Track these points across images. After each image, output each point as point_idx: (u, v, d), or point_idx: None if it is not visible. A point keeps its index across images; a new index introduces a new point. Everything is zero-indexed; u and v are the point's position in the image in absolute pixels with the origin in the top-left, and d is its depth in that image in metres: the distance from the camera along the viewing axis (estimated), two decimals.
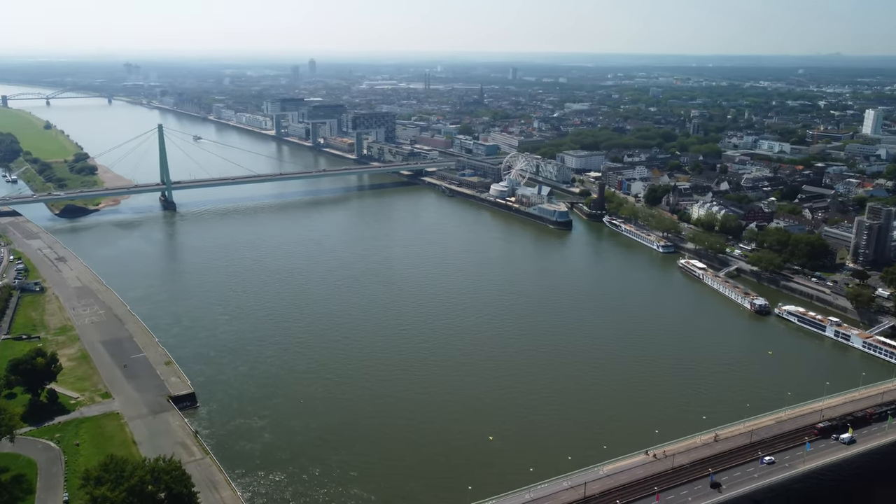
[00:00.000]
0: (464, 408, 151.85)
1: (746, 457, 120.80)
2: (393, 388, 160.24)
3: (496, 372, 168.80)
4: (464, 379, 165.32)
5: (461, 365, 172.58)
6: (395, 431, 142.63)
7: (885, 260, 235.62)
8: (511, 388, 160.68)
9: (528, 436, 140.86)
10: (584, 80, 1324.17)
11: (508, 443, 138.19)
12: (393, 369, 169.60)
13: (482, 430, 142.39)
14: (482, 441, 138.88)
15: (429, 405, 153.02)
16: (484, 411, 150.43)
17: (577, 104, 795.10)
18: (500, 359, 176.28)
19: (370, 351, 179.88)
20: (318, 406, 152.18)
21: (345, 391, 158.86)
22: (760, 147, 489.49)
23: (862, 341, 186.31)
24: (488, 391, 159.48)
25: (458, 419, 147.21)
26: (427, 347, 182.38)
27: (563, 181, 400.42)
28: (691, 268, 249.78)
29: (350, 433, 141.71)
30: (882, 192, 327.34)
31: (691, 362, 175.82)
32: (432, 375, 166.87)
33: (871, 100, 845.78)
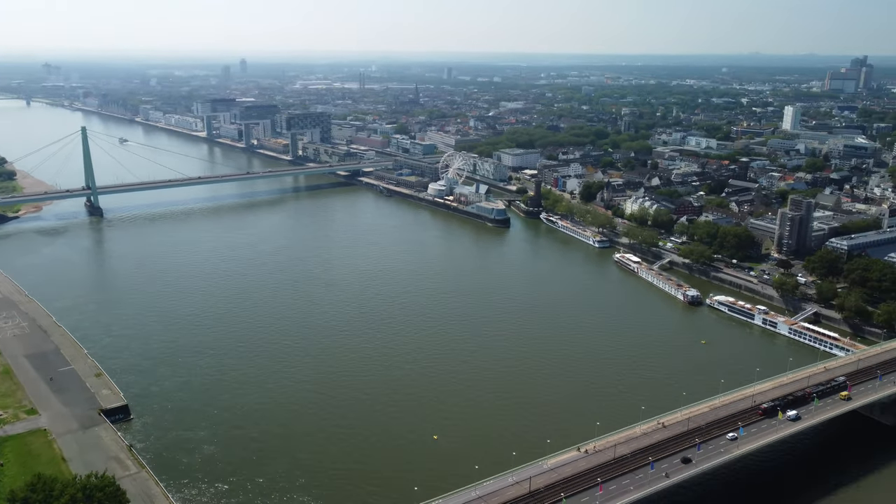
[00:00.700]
0: (408, 408, 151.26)
1: (685, 444, 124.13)
2: (336, 392, 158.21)
3: (439, 371, 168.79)
4: (407, 379, 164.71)
5: (404, 365, 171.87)
6: (340, 436, 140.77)
7: (806, 249, 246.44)
8: (454, 387, 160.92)
9: (473, 433, 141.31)
10: (518, 80, 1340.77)
11: (453, 441, 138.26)
12: (335, 372, 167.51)
13: (426, 429, 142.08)
14: (427, 441, 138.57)
15: (372, 407, 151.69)
16: (428, 411, 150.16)
17: (512, 103, 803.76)
18: (443, 357, 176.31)
19: (311, 355, 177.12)
20: (260, 414, 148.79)
21: (287, 397, 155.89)
22: (688, 143, 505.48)
23: (788, 328, 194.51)
24: (432, 391, 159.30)
25: (403, 420, 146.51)
26: (369, 349, 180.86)
27: (500, 179, 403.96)
28: (626, 262, 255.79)
29: (294, 440, 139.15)
30: (802, 185, 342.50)
31: (629, 354, 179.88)
32: (375, 377, 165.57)
33: (790, 97, 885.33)
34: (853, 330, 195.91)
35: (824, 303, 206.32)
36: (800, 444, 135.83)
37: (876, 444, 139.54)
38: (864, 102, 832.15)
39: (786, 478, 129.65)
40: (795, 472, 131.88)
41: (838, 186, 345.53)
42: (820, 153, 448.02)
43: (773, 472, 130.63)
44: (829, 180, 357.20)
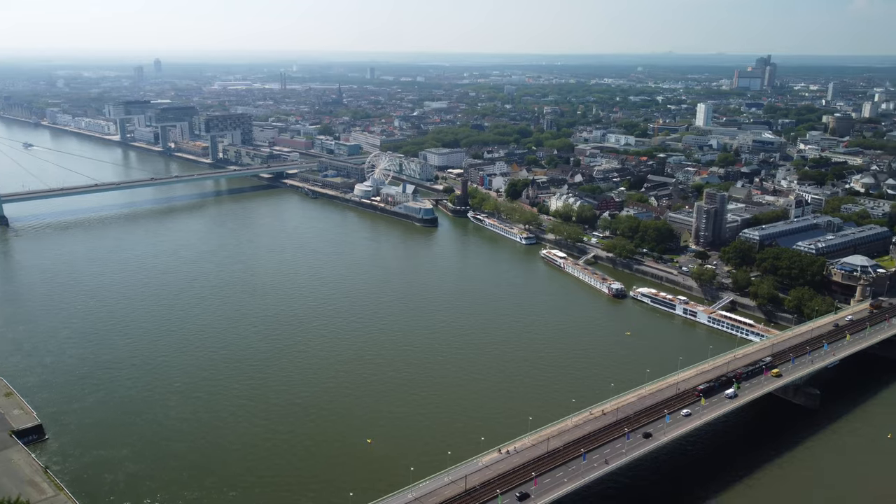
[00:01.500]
0: (339, 413, 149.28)
1: (614, 434, 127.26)
2: (267, 400, 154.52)
3: (370, 374, 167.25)
4: (338, 384, 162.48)
5: (335, 369, 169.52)
6: (272, 445, 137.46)
7: (721, 241, 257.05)
8: (387, 389, 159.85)
9: (407, 435, 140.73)
10: (442, 79, 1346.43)
11: (387, 444, 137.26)
12: (264, 381, 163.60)
13: (360, 434, 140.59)
14: (360, 445, 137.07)
15: (304, 414, 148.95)
16: (360, 415, 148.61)
17: (436, 103, 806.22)
18: (375, 360, 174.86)
19: (237, 364, 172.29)
20: (185, 427, 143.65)
21: (217, 408, 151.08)
22: (608, 140, 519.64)
23: (707, 317, 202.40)
24: (364, 394, 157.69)
25: (335, 425, 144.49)
26: (299, 355, 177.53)
27: (426, 179, 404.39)
28: (553, 257, 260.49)
29: (223, 452, 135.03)
30: (716, 179, 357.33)
31: (558, 348, 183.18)
32: (306, 383, 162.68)
33: (702, 95, 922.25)
34: (766, 316, 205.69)
35: (739, 291, 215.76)
36: (720, 428, 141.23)
37: (790, 424, 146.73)
38: (770, 99, 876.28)
39: (712, 458, 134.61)
40: (720, 453, 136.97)
41: (749, 180, 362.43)
42: (731, 148, 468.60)
43: (700, 454, 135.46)
44: (740, 174, 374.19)
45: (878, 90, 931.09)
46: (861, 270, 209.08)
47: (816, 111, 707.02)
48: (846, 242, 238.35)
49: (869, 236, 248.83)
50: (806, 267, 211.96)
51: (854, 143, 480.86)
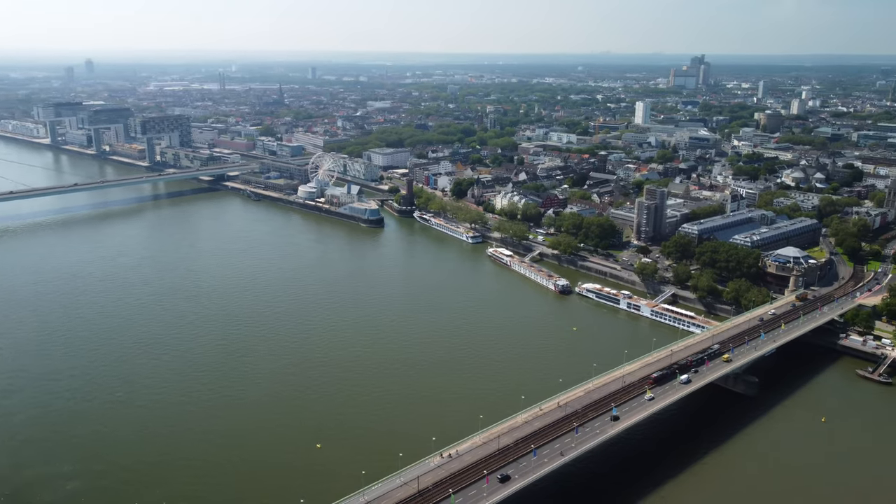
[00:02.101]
0: (287, 419, 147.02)
1: (563, 428, 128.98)
2: (210, 409, 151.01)
3: (318, 377, 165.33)
4: (286, 388, 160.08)
5: (282, 374, 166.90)
6: (220, 455, 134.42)
7: (662, 235, 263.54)
8: (335, 392, 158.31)
9: (357, 438, 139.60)
10: (385, 79, 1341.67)
11: (337, 448, 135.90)
12: (209, 388, 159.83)
13: (308, 439, 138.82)
14: (310, 450, 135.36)
15: (251, 421, 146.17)
16: (309, 419, 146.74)
17: (380, 102, 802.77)
18: (322, 363, 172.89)
19: (182, 372, 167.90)
20: (128, 440, 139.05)
21: (161, 420, 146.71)
22: (551, 138, 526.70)
23: (650, 310, 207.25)
24: (311, 398, 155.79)
25: (283, 431, 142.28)
26: (245, 360, 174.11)
27: (371, 179, 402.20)
28: (499, 255, 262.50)
29: (170, 464, 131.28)
30: (655, 175, 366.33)
31: (507, 345, 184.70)
32: (252, 388, 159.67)
33: (640, 93, 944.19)
34: (706, 308, 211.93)
35: (680, 284, 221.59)
36: (667, 419, 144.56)
37: (731, 412, 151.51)
38: (704, 97, 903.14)
39: (658, 449, 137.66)
40: (666, 443, 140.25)
41: (686, 175, 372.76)
42: (669, 145, 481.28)
43: (646, 445, 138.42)
44: (678, 170, 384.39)
45: (805, 88, 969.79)
46: (794, 262, 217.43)
47: (748, 108, 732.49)
48: (779, 235, 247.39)
49: (800, 228, 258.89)
50: (742, 259, 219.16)
51: (784, 139, 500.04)
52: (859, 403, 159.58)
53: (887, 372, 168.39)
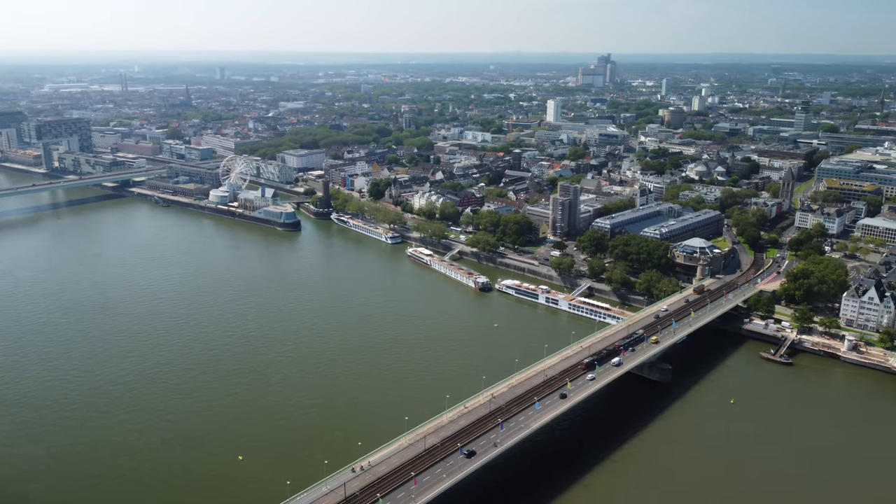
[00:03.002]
0: (208, 431, 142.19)
1: (489, 424, 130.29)
2: (125, 426, 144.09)
3: (238, 386, 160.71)
4: (203, 399, 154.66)
5: (201, 386, 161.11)
6: (137, 474, 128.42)
7: (577, 230, 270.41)
8: (256, 401, 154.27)
9: (280, 447, 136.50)
10: (296, 79, 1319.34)
11: (260, 459, 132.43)
12: (123, 405, 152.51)
13: (230, 450, 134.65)
14: (232, 462, 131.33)
15: (170, 434, 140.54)
16: (230, 430, 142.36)
17: (292, 103, 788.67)
18: (242, 372, 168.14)
19: (94, 389, 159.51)
20: (40, 463, 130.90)
21: (65, 440, 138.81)
22: (466, 137, 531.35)
23: (568, 304, 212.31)
24: (231, 408, 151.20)
25: (204, 444, 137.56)
26: (159, 374, 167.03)
27: (286, 182, 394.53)
28: (419, 255, 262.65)
29: (87, 484, 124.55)
30: (568, 172, 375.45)
31: (430, 345, 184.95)
32: (169, 403, 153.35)
33: (550, 91, 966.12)
34: (621, 299, 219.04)
35: (595, 277, 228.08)
36: (586, 409, 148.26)
37: (646, 399, 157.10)
38: (612, 95, 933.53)
39: (578, 439, 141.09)
40: (584, 434, 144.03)
41: (597, 171, 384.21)
42: (580, 142, 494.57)
43: (567, 437, 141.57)
44: (589, 166, 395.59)
45: (705, 85, 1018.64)
46: (700, 252, 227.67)
47: (653, 105, 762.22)
48: (686, 227, 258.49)
49: (704, 220, 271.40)
50: (653, 251, 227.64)
51: (687, 135, 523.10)
52: (763, 384, 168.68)
53: (787, 353, 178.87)
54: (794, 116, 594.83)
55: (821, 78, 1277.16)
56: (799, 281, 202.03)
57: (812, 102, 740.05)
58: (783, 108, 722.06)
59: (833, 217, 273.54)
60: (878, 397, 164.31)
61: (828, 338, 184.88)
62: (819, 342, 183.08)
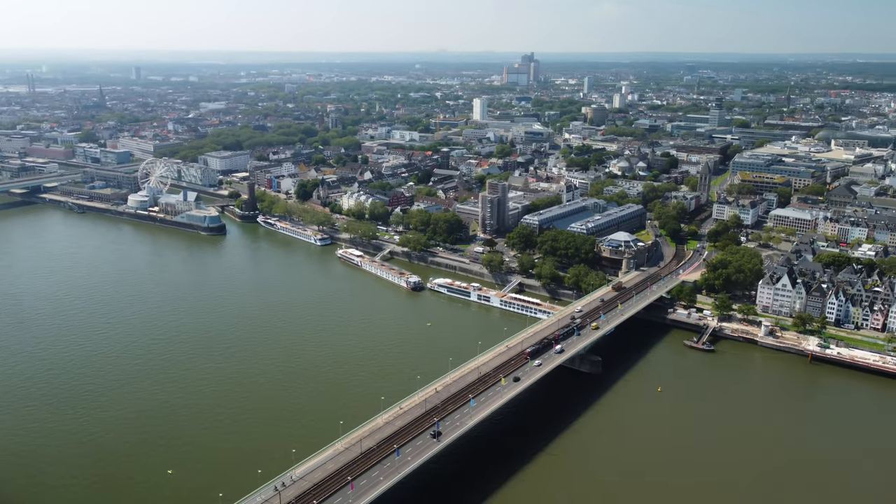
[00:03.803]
0: (134, 445, 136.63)
1: (425, 424, 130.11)
2: (49, 443, 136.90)
3: (165, 398, 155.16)
4: (129, 412, 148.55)
5: (127, 400, 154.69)
6: (60, 493, 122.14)
7: (506, 227, 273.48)
8: (185, 412, 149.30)
9: (211, 459, 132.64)
10: (217, 79, 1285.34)
11: (190, 472, 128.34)
12: (44, 422, 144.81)
13: (158, 464, 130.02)
14: (160, 477, 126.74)
15: (96, 449, 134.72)
16: (158, 444, 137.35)
17: (213, 103, 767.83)
18: (170, 382, 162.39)
19: (12, 406, 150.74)
20: None
21: None
22: (394, 136, 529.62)
23: (499, 300, 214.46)
24: (159, 421, 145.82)
25: (131, 459, 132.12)
26: (83, 388, 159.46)
27: (209, 184, 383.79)
28: (349, 257, 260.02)
29: None
30: (496, 170, 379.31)
31: (364, 347, 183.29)
32: (94, 418, 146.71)
33: (476, 90, 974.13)
34: (550, 294, 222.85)
35: (525, 273, 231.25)
36: (519, 404, 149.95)
37: (578, 391, 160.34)
38: (536, 93, 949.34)
39: (513, 435, 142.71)
40: (520, 429, 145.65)
41: (524, 168, 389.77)
42: (507, 140, 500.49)
43: (502, 433, 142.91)
44: (516, 164, 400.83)
45: (624, 83, 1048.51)
46: (625, 245, 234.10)
47: (576, 103, 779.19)
48: (611, 221, 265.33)
49: (628, 214, 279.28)
50: (580, 246, 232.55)
51: (609, 132, 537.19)
52: (688, 371, 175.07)
53: (709, 340, 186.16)
54: (708, 113, 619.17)
55: (732, 76, 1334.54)
56: (718, 271, 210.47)
57: (725, 99, 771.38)
58: (698, 104, 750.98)
59: (747, 208, 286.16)
60: (793, 378, 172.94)
61: (746, 324, 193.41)
62: (738, 329, 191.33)
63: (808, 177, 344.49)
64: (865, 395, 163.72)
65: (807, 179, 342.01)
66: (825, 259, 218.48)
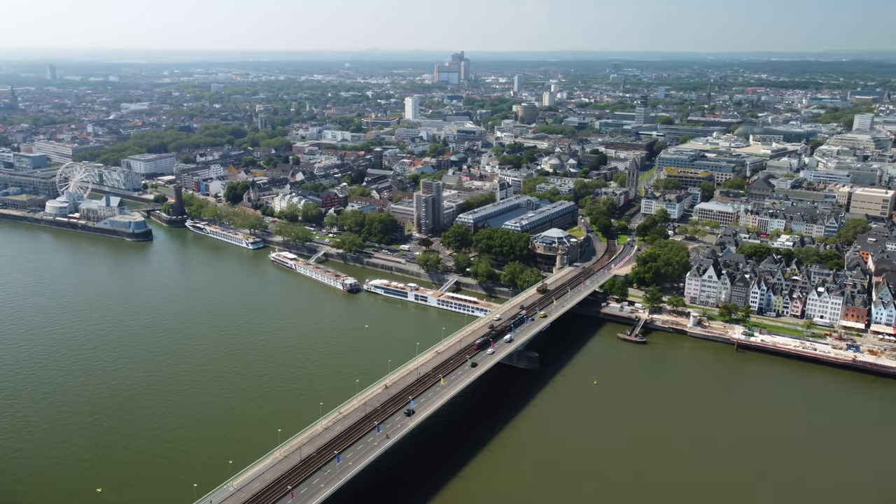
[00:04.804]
0: (62, 463, 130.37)
1: (365, 428, 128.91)
2: None
3: (94, 413, 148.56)
4: (56, 430, 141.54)
5: (52, 413, 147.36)
6: None
7: (441, 226, 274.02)
8: (115, 427, 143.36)
9: (144, 474, 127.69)
10: (139, 79, 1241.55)
11: (122, 490, 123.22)
12: None
13: (88, 483, 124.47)
14: (91, 496, 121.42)
15: (21, 468, 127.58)
16: (86, 461, 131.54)
17: (136, 104, 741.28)
18: (98, 397, 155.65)
19: None
20: None
21: None
22: (325, 137, 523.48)
23: (436, 300, 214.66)
24: (87, 437, 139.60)
25: (59, 478, 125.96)
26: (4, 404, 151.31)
27: (133, 189, 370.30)
28: (283, 260, 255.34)
29: None
30: (429, 169, 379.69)
31: (301, 352, 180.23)
32: (18, 433, 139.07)
33: (407, 89, 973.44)
34: (487, 292, 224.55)
35: (462, 272, 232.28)
36: (460, 402, 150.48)
37: (517, 387, 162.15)
38: (467, 92, 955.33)
39: (454, 433, 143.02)
40: (461, 427, 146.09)
41: (458, 167, 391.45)
42: (439, 139, 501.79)
43: (442, 433, 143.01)
44: (450, 163, 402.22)
45: (553, 81, 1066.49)
46: (558, 242, 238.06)
47: (507, 102, 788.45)
48: (544, 218, 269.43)
49: (560, 211, 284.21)
50: (514, 243, 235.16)
51: (540, 129, 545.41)
52: (622, 363, 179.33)
53: (641, 332, 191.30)
54: (634, 110, 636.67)
55: (656, 73, 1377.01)
56: (648, 264, 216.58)
57: (649, 97, 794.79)
58: (625, 102, 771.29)
59: (674, 203, 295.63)
60: (720, 366, 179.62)
61: (676, 315, 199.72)
62: (668, 320, 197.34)
63: (730, 171, 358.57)
64: (787, 380, 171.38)
65: (728, 174, 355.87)
66: (747, 250, 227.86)
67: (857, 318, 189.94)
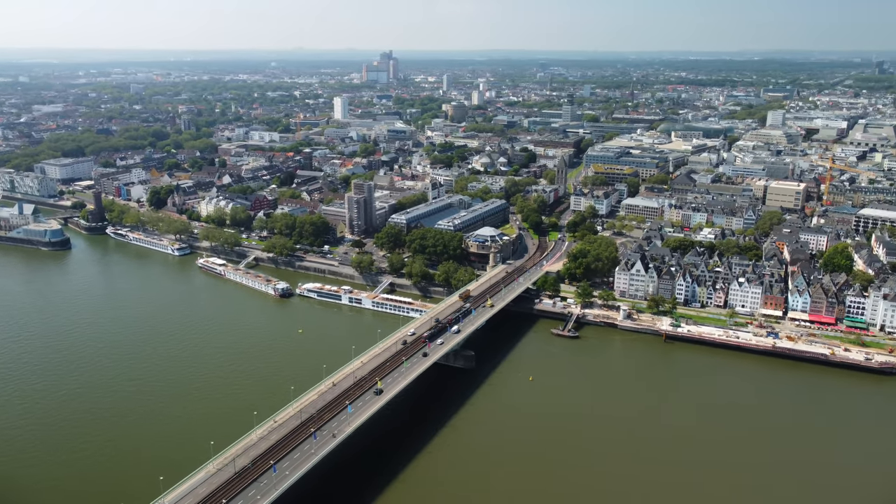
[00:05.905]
0: None
1: (302, 436, 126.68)
2: None
3: (12, 434, 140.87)
4: None
5: None
6: None
7: (374, 227, 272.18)
8: (36, 447, 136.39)
9: (70, 497, 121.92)
10: (52, 79, 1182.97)
11: None
12: None
13: None
14: None
15: None
16: (5, 486, 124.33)
17: (49, 106, 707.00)
18: (15, 416, 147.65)
19: None
20: None
21: None
22: (252, 138, 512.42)
23: (371, 302, 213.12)
24: (12, 458, 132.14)
25: None
26: None
27: (49, 195, 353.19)
28: (211, 266, 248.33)
29: None
30: (360, 169, 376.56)
31: (233, 360, 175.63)
32: None
33: (336, 88, 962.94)
34: (422, 292, 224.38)
35: (396, 273, 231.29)
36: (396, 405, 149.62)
37: (454, 386, 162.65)
38: (397, 91, 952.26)
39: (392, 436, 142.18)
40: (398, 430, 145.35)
41: (389, 167, 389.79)
42: (370, 139, 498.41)
43: (380, 438, 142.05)
44: (381, 163, 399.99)
45: (482, 80, 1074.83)
46: (491, 240, 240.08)
47: (437, 101, 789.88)
48: (476, 217, 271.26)
49: (492, 209, 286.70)
50: (448, 243, 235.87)
51: (470, 128, 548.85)
52: (556, 358, 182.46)
53: (574, 327, 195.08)
54: (561, 108, 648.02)
55: (581, 72, 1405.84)
56: (578, 260, 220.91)
57: (576, 95, 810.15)
58: (552, 100, 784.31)
59: (601, 199, 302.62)
60: (650, 357, 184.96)
61: (606, 309, 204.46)
62: (600, 314, 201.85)
63: (654, 167, 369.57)
64: (712, 367, 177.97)
65: (652, 170, 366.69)
66: (672, 244, 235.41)
67: (776, 306, 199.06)
